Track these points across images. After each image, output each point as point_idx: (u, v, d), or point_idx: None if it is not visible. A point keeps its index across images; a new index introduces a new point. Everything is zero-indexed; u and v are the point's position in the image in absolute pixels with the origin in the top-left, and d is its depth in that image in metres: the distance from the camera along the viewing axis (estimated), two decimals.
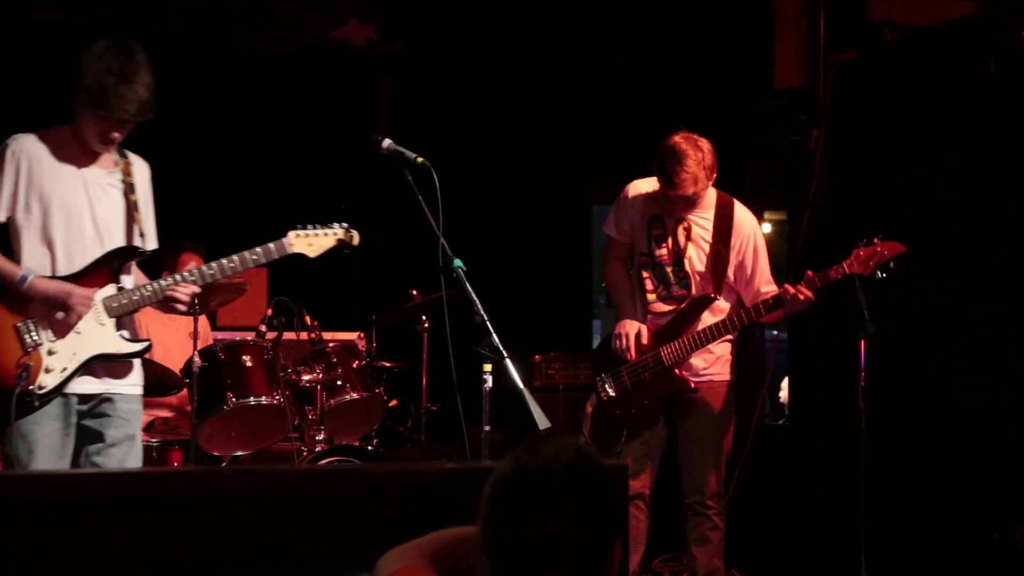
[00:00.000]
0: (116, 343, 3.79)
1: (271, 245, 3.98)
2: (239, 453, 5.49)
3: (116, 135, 3.79)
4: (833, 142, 5.60)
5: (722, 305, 4.54)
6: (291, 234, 4.03)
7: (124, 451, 3.85)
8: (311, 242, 4.06)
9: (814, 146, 5.65)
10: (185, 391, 5.33)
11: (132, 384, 3.91)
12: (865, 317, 4.52)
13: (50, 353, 3.67)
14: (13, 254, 3.74)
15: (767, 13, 5.95)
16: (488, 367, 3.33)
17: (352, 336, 5.92)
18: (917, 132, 5.22)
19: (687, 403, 4.53)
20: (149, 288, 3.83)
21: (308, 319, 5.61)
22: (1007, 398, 4.78)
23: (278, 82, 7.55)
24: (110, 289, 3.79)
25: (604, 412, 4.60)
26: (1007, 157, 4.83)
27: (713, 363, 4.56)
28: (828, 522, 5.28)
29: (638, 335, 4.54)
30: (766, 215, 7.87)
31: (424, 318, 5.63)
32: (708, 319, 4.48)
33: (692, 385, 4.48)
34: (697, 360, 4.52)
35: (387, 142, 3.57)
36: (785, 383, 7.15)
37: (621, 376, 4.56)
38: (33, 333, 3.67)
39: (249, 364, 5.28)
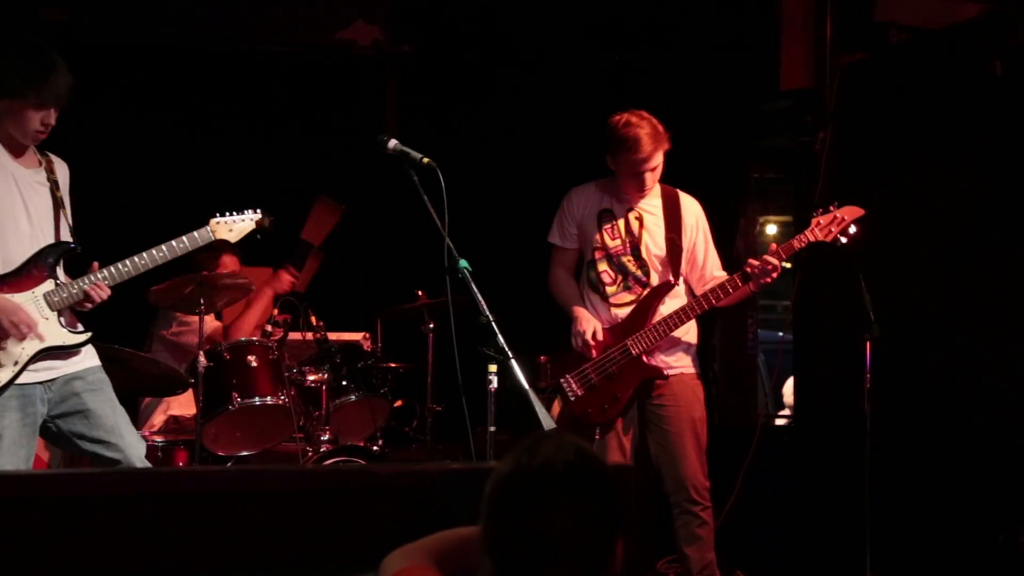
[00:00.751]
0: (62, 335, 3.89)
1: (195, 233, 4.13)
2: (244, 453, 5.50)
3: (51, 122, 3.87)
4: (839, 144, 5.59)
5: (680, 291, 4.55)
6: (212, 221, 4.21)
7: (114, 416, 3.95)
8: (231, 227, 4.26)
9: (820, 148, 5.64)
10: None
11: (89, 358, 4.01)
12: (870, 318, 4.53)
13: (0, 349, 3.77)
14: None
15: (773, 14, 5.94)
16: (493, 367, 3.33)
17: (357, 336, 5.92)
18: (923, 134, 5.22)
19: (659, 396, 4.51)
20: (86, 282, 3.91)
21: (313, 319, 5.62)
22: (1012, 399, 4.77)
23: (283, 82, 7.56)
24: (49, 284, 3.87)
25: (572, 414, 4.57)
26: (1013, 159, 4.83)
27: (682, 356, 4.56)
28: (833, 523, 5.28)
29: (595, 332, 4.54)
30: (771, 217, 7.86)
31: (429, 318, 5.63)
32: (670, 305, 4.49)
33: (664, 372, 4.47)
34: (666, 355, 4.52)
35: (393, 142, 3.57)
36: (789, 384, 7.15)
37: (587, 374, 4.54)
38: None
39: (254, 364, 5.29)
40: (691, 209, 4.63)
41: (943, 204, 5.10)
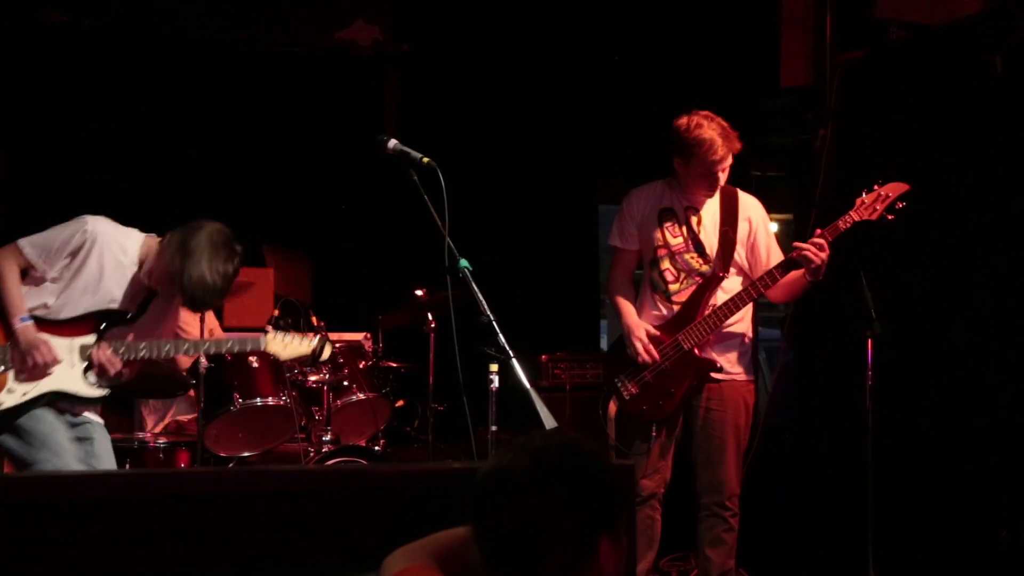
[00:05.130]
0: (77, 385, 4.02)
1: (247, 339, 4.21)
2: (246, 454, 5.50)
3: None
4: (839, 141, 5.59)
5: (731, 285, 4.52)
6: (268, 336, 4.20)
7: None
8: (286, 345, 4.20)
9: (820, 145, 5.64)
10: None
11: (103, 423, 4.22)
12: (871, 316, 4.52)
13: (14, 378, 3.94)
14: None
15: (773, 12, 5.94)
16: (494, 367, 3.33)
17: (358, 337, 5.92)
18: (924, 131, 5.21)
19: (708, 399, 4.49)
20: (107, 350, 4.02)
21: (314, 320, 5.62)
22: (1014, 396, 4.77)
23: (283, 82, 7.56)
24: (90, 338, 4.03)
25: (628, 412, 4.56)
26: (1014, 156, 4.82)
27: (736, 362, 4.55)
28: (835, 521, 5.27)
29: (648, 334, 4.53)
30: (772, 215, 7.86)
31: (430, 318, 5.62)
32: (723, 299, 4.47)
33: (717, 363, 4.46)
34: (721, 358, 4.50)
35: (393, 142, 3.57)
36: None
37: (641, 373, 4.52)
38: (6, 358, 3.93)
39: (255, 365, 5.29)
40: (749, 205, 4.61)
41: (944, 201, 5.10)
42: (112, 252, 4.01)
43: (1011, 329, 4.81)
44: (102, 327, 4.04)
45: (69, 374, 4.00)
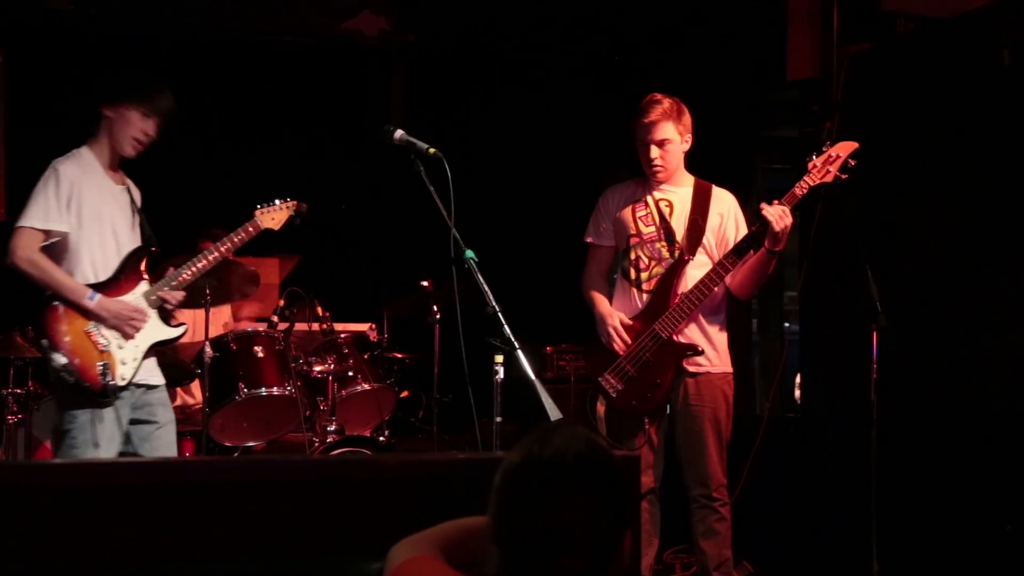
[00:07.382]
0: (165, 331, 4.25)
1: (248, 226, 4.41)
2: (250, 444, 5.51)
3: (151, 133, 4.25)
4: (846, 134, 5.56)
5: (699, 272, 4.50)
6: (257, 212, 4.45)
7: (170, 432, 4.31)
8: (273, 216, 4.49)
9: (827, 138, 5.62)
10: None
11: (160, 376, 4.35)
12: (877, 309, 4.52)
13: (120, 348, 4.08)
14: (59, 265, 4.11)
15: (780, 4, 5.93)
16: (500, 358, 3.33)
17: (363, 327, 5.93)
18: (931, 124, 5.20)
19: (687, 393, 4.49)
20: (163, 286, 4.25)
21: (320, 310, 5.63)
22: (1019, 389, 4.77)
23: (290, 73, 7.56)
24: (144, 285, 4.21)
25: (617, 409, 4.56)
26: (1021, 150, 4.81)
27: (712, 355, 4.54)
28: (839, 514, 5.28)
29: (621, 322, 4.53)
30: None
31: (435, 309, 5.62)
32: (690, 285, 4.47)
33: (698, 347, 4.46)
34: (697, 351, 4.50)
35: (399, 132, 3.57)
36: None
37: (623, 367, 4.52)
38: (102, 334, 4.06)
39: (261, 355, 5.30)
40: (722, 198, 4.59)
41: (950, 194, 5.09)
42: (89, 177, 4.14)
43: (1017, 323, 4.80)
44: (140, 268, 4.19)
45: (153, 324, 4.18)
